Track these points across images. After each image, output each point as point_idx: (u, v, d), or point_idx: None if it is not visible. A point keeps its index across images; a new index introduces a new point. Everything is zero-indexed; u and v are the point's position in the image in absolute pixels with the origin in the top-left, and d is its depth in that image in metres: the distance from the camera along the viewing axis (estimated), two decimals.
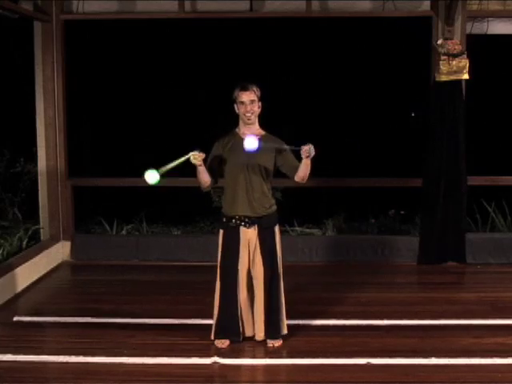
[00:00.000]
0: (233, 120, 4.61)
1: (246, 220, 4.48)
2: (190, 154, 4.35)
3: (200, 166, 4.40)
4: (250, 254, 4.52)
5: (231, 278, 4.52)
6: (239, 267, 4.51)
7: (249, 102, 4.45)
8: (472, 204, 7.32)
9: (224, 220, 4.56)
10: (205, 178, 4.50)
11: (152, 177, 4.24)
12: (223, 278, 4.56)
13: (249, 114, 4.47)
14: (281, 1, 6.80)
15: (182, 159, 4.34)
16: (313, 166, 4.43)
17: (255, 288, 4.55)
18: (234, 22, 7.57)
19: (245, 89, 4.46)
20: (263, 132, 4.59)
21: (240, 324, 4.57)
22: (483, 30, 6.78)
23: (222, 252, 4.58)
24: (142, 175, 4.28)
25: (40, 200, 7.00)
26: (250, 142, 4.27)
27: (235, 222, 4.49)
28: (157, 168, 4.26)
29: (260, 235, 4.51)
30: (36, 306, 5.53)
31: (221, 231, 4.60)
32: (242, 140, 4.43)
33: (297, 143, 4.39)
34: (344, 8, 6.83)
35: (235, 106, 4.53)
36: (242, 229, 4.49)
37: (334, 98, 10.51)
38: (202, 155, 4.37)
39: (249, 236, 4.50)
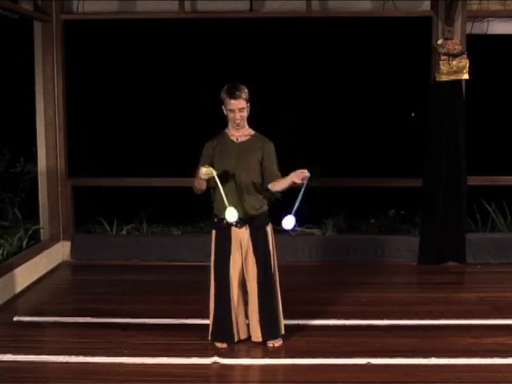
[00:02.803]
0: None
1: (237, 220, 4.46)
2: (212, 173, 4.27)
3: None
4: (242, 255, 4.50)
5: (224, 279, 4.50)
6: (231, 268, 4.49)
7: (238, 109, 4.40)
8: (472, 204, 7.32)
9: (215, 220, 4.53)
10: (203, 186, 4.48)
11: (232, 214, 4.26)
12: (217, 279, 4.53)
13: (238, 121, 4.44)
14: (281, 1, 6.80)
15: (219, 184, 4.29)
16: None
17: (249, 289, 4.54)
18: (234, 22, 7.57)
19: (234, 97, 4.36)
20: (253, 132, 4.56)
21: (233, 326, 4.54)
22: (483, 30, 6.78)
23: (214, 253, 4.55)
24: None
25: (40, 200, 7.00)
26: (288, 223, 4.25)
27: (226, 222, 4.46)
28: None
29: (252, 235, 4.49)
30: (36, 306, 5.53)
31: (213, 232, 4.57)
32: (231, 141, 4.45)
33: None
34: (344, 8, 6.82)
35: (223, 107, 4.47)
36: (234, 229, 4.47)
37: (333, 98, 10.51)
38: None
39: (240, 236, 4.48)
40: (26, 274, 6.04)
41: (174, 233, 7.67)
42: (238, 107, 4.39)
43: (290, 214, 4.26)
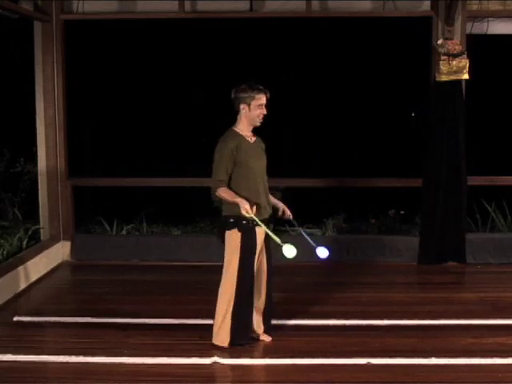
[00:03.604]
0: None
1: (262, 220, 4.46)
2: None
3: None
4: (259, 253, 4.52)
5: (249, 280, 4.45)
6: (255, 268, 4.48)
7: (265, 105, 4.43)
8: (472, 204, 7.32)
9: (244, 222, 4.40)
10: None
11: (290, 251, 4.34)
12: (241, 280, 4.43)
13: (261, 117, 4.44)
14: (281, 1, 6.80)
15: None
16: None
17: (260, 285, 4.55)
18: (234, 22, 7.57)
19: (265, 92, 4.41)
20: None
21: (252, 326, 4.56)
22: (483, 30, 6.78)
23: (241, 254, 4.42)
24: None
25: (40, 200, 7.00)
26: (324, 252, 4.59)
27: (253, 223, 4.41)
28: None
29: (266, 233, 4.50)
30: (36, 306, 5.53)
31: (238, 233, 4.43)
32: (247, 142, 4.43)
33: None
34: (344, 8, 6.83)
35: (244, 105, 4.39)
36: (258, 229, 4.44)
37: (334, 98, 10.51)
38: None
39: (261, 235, 4.48)
40: (26, 274, 6.04)
41: (174, 233, 7.66)
42: (265, 102, 4.42)
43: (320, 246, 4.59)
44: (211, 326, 4.56)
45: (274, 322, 4.70)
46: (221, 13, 6.87)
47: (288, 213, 4.64)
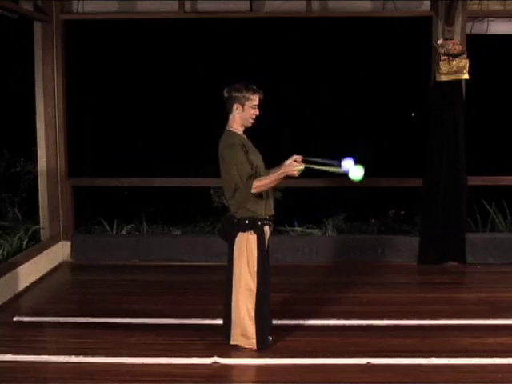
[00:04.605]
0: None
1: (272, 218, 4.46)
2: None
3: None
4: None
5: (267, 282, 4.44)
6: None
7: (258, 105, 4.39)
8: (472, 204, 7.33)
9: (259, 223, 4.37)
10: None
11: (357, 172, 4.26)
12: (262, 282, 4.40)
13: (254, 118, 4.40)
14: (281, 1, 6.80)
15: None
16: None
17: None
18: (234, 22, 7.57)
19: (258, 92, 4.36)
20: None
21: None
22: (483, 30, 6.78)
23: (259, 255, 4.37)
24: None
25: (40, 200, 7.00)
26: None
27: (265, 222, 4.40)
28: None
29: (270, 231, 4.52)
30: (36, 306, 5.53)
31: (254, 235, 4.36)
32: (247, 141, 4.40)
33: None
34: (344, 8, 6.83)
35: (238, 105, 4.35)
36: (266, 229, 4.43)
37: (334, 98, 10.51)
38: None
39: (267, 234, 4.48)
40: (26, 274, 6.04)
41: (174, 233, 7.67)
42: (258, 102, 4.39)
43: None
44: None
45: (273, 322, 4.69)
46: (221, 13, 6.87)
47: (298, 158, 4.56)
